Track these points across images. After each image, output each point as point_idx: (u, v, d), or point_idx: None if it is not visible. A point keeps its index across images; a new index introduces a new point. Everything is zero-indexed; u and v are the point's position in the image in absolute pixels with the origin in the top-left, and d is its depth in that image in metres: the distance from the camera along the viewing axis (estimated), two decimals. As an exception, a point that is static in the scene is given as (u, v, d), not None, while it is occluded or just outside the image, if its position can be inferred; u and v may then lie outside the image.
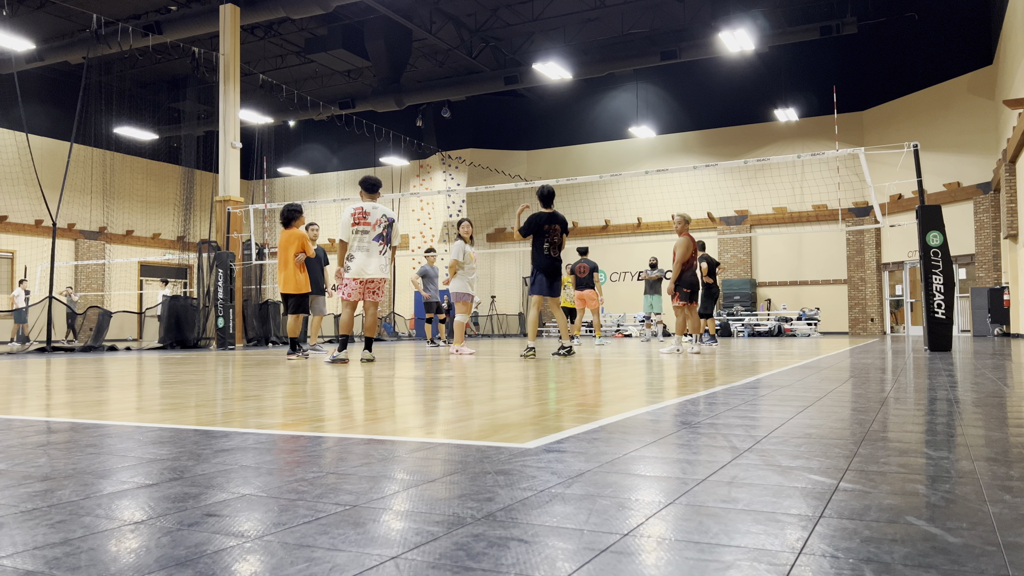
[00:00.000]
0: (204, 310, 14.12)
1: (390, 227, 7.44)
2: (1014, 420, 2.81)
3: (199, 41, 18.14)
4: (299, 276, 8.75)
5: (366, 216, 7.32)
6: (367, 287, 7.37)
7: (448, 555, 1.19)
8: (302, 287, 8.78)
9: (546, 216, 8.24)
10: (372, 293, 7.42)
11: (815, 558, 1.16)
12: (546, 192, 8.30)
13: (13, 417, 3.13)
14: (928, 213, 9.50)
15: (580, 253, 14.00)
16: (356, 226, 7.32)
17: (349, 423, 2.87)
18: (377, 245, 7.34)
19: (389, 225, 7.43)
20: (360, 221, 7.31)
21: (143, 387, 4.74)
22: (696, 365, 6.64)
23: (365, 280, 7.33)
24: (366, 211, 7.33)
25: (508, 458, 2.04)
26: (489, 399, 3.72)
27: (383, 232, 7.37)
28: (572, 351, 8.36)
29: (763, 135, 23.64)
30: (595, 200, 25.16)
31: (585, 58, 20.93)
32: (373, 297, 7.43)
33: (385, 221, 7.39)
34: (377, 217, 7.35)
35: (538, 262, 8.29)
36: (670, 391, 4.13)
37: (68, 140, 13.96)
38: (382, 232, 7.36)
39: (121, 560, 1.17)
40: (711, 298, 12.84)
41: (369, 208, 7.35)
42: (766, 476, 1.78)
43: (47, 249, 15.22)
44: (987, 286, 18.45)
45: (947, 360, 7.13)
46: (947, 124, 20.25)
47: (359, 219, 7.31)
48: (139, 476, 1.84)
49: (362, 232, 7.31)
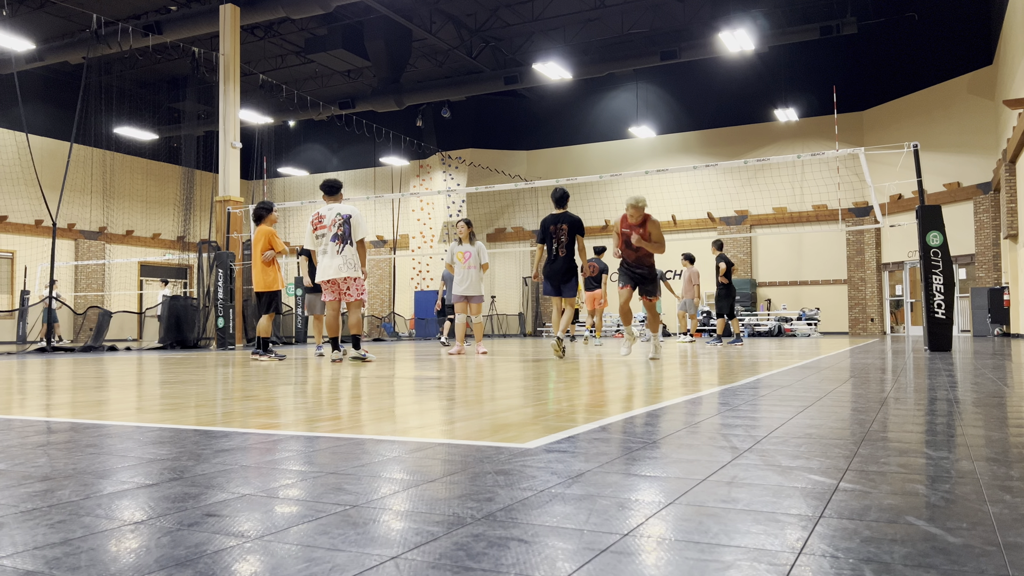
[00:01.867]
0: (204, 310, 14.12)
1: (347, 224, 7.46)
2: (1014, 420, 2.81)
3: (199, 41, 18.14)
4: (267, 274, 8.47)
5: (322, 219, 7.55)
6: (337, 287, 7.50)
7: (448, 555, 1.19)
8: (271, 285, 8.50)
9: (551, 218, 8.30)
10: (345, 292, 7.50)
11: (815, 558, 1.16)
12: (557, 196, 8.38)
13: (13, 417, 3.13)
14: (928, 213, 9.50)
15: (595, 252, 14.12)
16: (315, 232, 7.57)
17: (349, 423, 2.87)
18: (334, 245, 7.43)
19: (345, 222, 7.46)
20: (317, 226, 7.56)
21: (143, 387, 4.74)
22: (691, 365, 6.64)
23: (329, 281, 7.49)
24: (321, 214, 7.56)
25: (508, 458, 2.04)
26: (489, 399, 3.72)
27: (339, 231, 7.45)
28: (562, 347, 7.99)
29: (763, 135, 23.63)
30: (595, 200, 25.15)
31: (585, 58, 20.93)
32: (347, 296, 7.51)
33: (340, 219, 7.47)
34: (332, 218, 7.50)
35: (543, 264, 8.39)
36: (670, 391, 4.13)
37: (68, 140, 13.96)
38: (337, 231, 7.45)
39: (121, 560, 1.17)
40: (729, 298, 13.07)
41: (325, 211, 7.56)
42: (766, 476, 1.78)
43: (47, 249, 15.22)
44: (987, 286, 18.45)
45: (947, 360, 7.13)
46: (947, 124, 20.25)
47: (316, 224, 7.57)
48: (139, 476, 1.84)
49: (321, 236, 7.54)
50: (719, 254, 13.33)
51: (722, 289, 13.23)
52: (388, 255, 24.95)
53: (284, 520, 1.41)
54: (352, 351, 7.55)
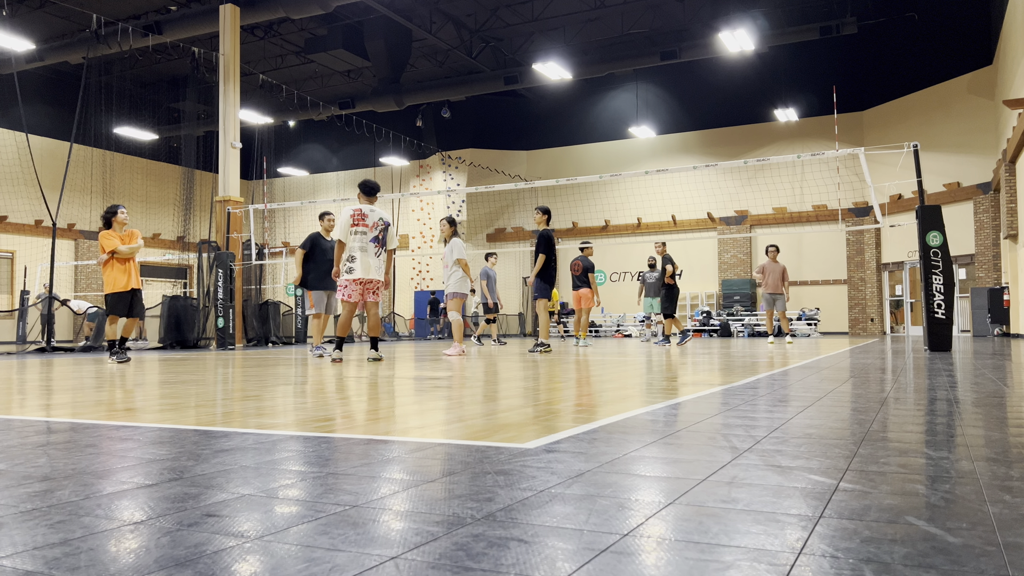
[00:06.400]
0: (204, 310, 14.12)
1: (386, 230, 7.62)
2: (1014, 420, 2.80)
3: (199, 41, 18.14)
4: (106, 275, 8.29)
5: (364, 218, 7.50)
6: (366, 288, 7.52)
7: (448, 555, 1.19)
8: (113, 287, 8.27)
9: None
10: (372, 294, 7.57)
11: (815, 558, 1.16)
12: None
13: (13, 417, 3.13)
14: (928, 213, 9.50)
15: (580, 249, 13.99)
16: (355, 227, 7.49)
17: (349, 423, 2.87)
18: (373, 247, 7.51)
19: (385, 228, 7.61)
20: (359, 222, 7.48)
21: (143, 387, 4.74)
22: (689, 364, 6.64)
23: (365, 281, 7.48)
24: (364, 213, 7.52)
25: (508, 458, 2.04)
26: (489, 399, 3.72)
27: (379, 235, 7.54)
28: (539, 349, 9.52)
29: (763, 135, 23.63)
30: (595, 200, 25.15)
31: (585, 58, 20.93)
32: (373, 297, 7.60)
33: (382, 224, 7.57)
34: (375, 220, 7.54)
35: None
36: (670, 391, 4.13)
37: (68, 140, 13.96)
38: (378, 235, 7.53)
39: (121, 560, 1.17)
40: (672, 299, 12.84)
41: (367, 211, 7.54)
42: (766, 476, 1.78)
43: (47, 249, 15.22)
44: (987, 286, 18.45)
45: (947, 360, 7.13)
46: (947, 124, 20.25)
47: (358, 220, 7.49)
48: (139, 476, 1.84)
49: (360, 233, 7.48)
50: (665, 254, 13.12)
51: (666, 289, 13.00)
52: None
53: (284, 520, 1.41)
54: (371, 352, 7.68)
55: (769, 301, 12.92)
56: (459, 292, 9.53)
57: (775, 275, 12.76)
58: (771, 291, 12.84)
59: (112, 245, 8.21)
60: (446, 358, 8.40)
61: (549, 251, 9.69)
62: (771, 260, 12.88)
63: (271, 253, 19.18)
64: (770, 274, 12.78)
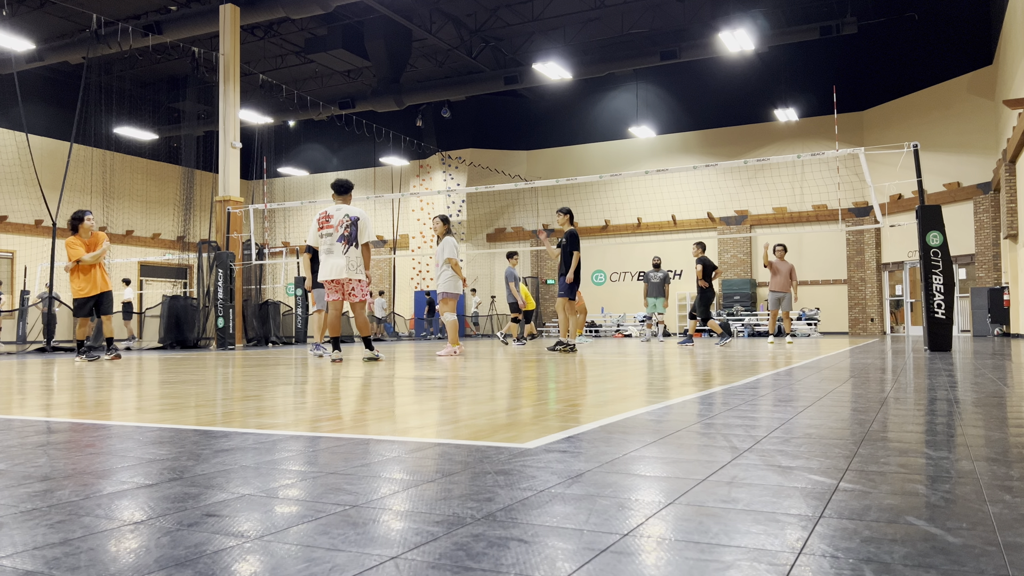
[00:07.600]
0: (204, 310, 14.12)
1: (354, 225, 7.52)
2: (1014, 420, 2.80)
3: (199, 41, 18.14)
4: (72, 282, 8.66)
5: (329, 219, 7.56)
6: (340, 288, 7.54)
7: (448, 555, 1.19)
8: (78, 293, 8.67)
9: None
10: (349, 294, 7.55)
11: (815, 558, 1.16)
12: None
13: (13, 417, 3.13)
14: (928, 213, 9.50)
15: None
16: (321, 231, 7.58)
17: (349, 423, 2.87)
18: (340, 246, 7.49)
19: (353, 224, 7.51)
20: (324, 225, 7.57)
21: (143, 387, 4.74)
22: (692, 363, 6.64)
23: (332, 281, 7.52)
24: (329, 214, 7.58)
25: (508, 458, 2.04)
26: (489, 399, 3.72)
27: (345, 232, 7.49)
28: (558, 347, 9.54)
29: (763, 135, 23.63)
30: (595, 200, 25.15)
31: (585, 58, 20.93)
32: (351, 298, 7.57)
33: (347, 220, 7.50)
34: (340, 218, 7.53)
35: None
36: (670, 391, 4.13)
37: (68, 140, 13.95)
38: (344, 232, 7.49)
39: (121, 560, 1.17)
40: (704, 303, 12.50)
41: (332, 211, 7.58)
42: (766, 476, 1.78)
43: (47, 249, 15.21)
44: (987, 286, 18.45)
45: (947, 360, 7.13)
46: (947, 124, 20.25)
47: (323, 223, 7.59)
48: (139, 476, 1.84)
49: (327, 235, 7.55)
50: (700, 255, 12.66)
51: (700, 292, 12.68)
52: (388, 255, 24.95)
53: (284, 520, 1.41)
54: (366, 352, 7.68)
55: (775, 300, 12.85)
56: (450, 292, 9.38)
57: (783, 274, 12.70)
58: (779, 290, 12.77)
59: (77, 255, 8.54)
60: (439, 359, 8.37)
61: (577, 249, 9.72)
62: (779, 259, 12.78)
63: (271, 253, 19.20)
64: (778, 272, 12.71)
